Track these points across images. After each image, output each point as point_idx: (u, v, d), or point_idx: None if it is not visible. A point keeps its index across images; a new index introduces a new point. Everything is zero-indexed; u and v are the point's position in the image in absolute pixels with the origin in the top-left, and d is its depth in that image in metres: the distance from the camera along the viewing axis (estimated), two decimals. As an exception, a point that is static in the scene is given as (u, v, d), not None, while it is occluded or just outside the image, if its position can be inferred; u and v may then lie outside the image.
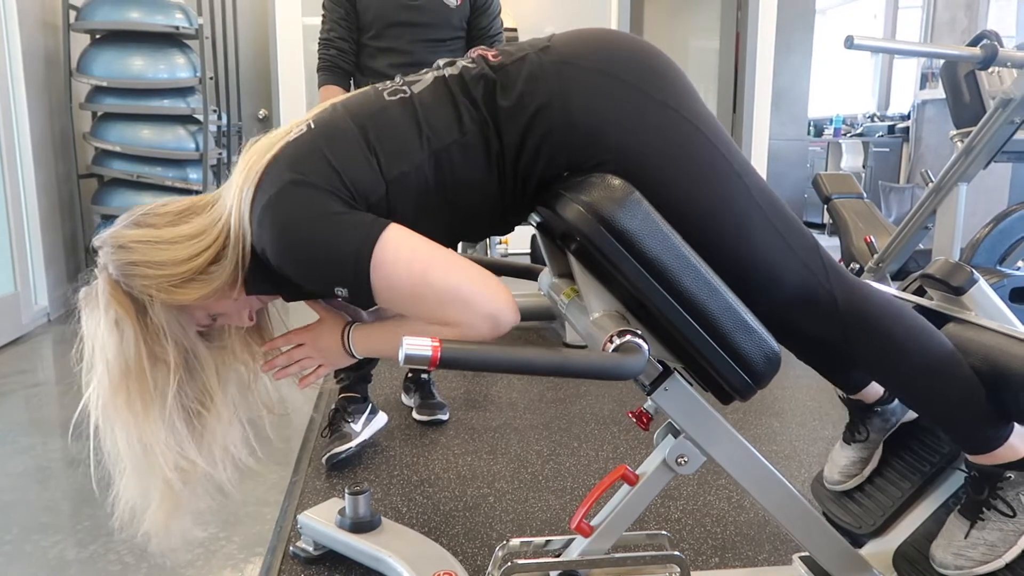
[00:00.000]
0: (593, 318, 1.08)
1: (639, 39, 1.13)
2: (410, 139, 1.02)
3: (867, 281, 1.18)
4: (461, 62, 1.10)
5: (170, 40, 3.86)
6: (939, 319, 1.31)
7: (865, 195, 4.25)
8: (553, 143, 1.03)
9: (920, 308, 1.37)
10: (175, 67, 3.83)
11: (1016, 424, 1.17)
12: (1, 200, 3.38)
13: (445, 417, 2.35)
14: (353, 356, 1.18)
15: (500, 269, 1.77)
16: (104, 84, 3.71)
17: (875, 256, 3.51)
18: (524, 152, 1.03)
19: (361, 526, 1.51)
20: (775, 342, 1.06)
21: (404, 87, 1.08)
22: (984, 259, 2.44)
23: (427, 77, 1.09)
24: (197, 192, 3.93)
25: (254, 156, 1.06)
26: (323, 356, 1.20)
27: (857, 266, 3.81)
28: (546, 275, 1.41)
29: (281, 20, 4.87)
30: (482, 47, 1.14)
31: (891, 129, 6.65)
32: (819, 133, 8.06)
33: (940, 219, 3.06)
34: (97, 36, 3.85)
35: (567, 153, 1.03)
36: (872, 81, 7.91)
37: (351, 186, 1.00)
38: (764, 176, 5.13)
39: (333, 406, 2.15)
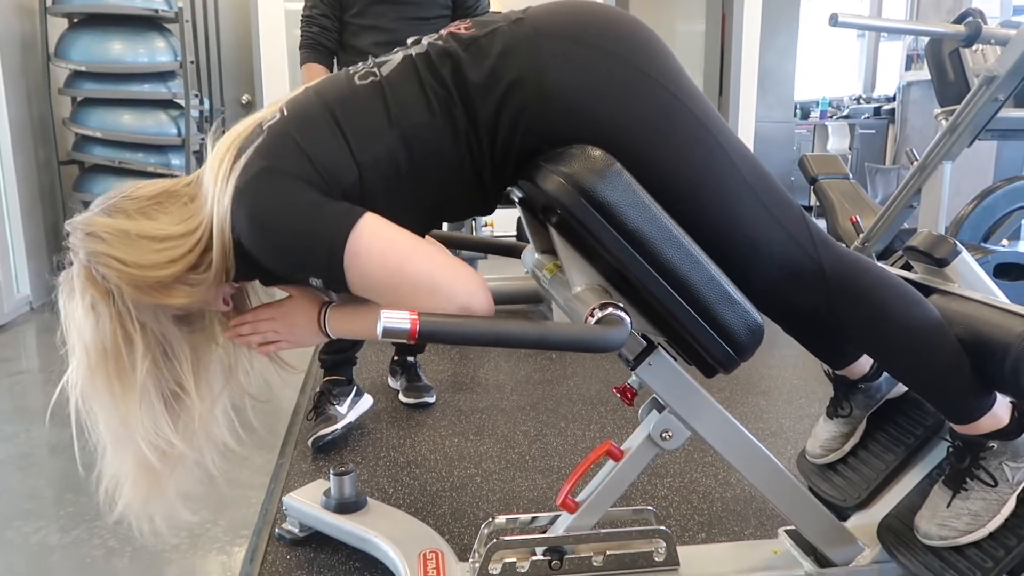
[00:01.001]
0: (575, 292, 1.07)
1: (618, 9, 1.11)
2: (379, 121, 1.00)
3: (857, 253, 1.17)
4: (427, 39, 1.08)
5: (150, 23, 3.80)
6: (923, 291, 1.31)
7: (851, 175, 4.25)
8: (529, 118, 1.01)
9: (905, 281, 1.37)
10: (155, 51, 3.78)
11: (998, 394, 1.17)
12: (-20, 188, 3.33)
13: (432, 400, 2.34)
14: (327, 336, 1.17)
15: (483, 247, 1.77)
16: (83, 69, 3.65)
17: (861, 236, 3.51)
18: (499, 129, 1.02)
19: (347, 507, 1.50)
20: (758, 314, 1.06)
21: (374, 69, 1.07)
22: (969, 236, 2.45)
23: (396, 57, 1.07)
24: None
25: (227, 141, 1.04)
26: (290, 332, 1.19)
27: (844, 246, 3.82)
28: (530, 252, 1.40)
29: (263, 4, 4.80)
30: (456, 23, 1.12)
31: (877, 111, 6.66)
32: (805, 116, 8.05)
33: (925, 197, 3.07)
34: (75, 20, 3.79)
35: (544, 127, 1.01)
36: (858, 63, 7.91)
37: (323, 172, 0.98)
38: (750, 157, 5.09)
39: (318, 389, 2.14)
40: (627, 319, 0.94)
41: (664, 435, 1.21)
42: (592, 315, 0.95)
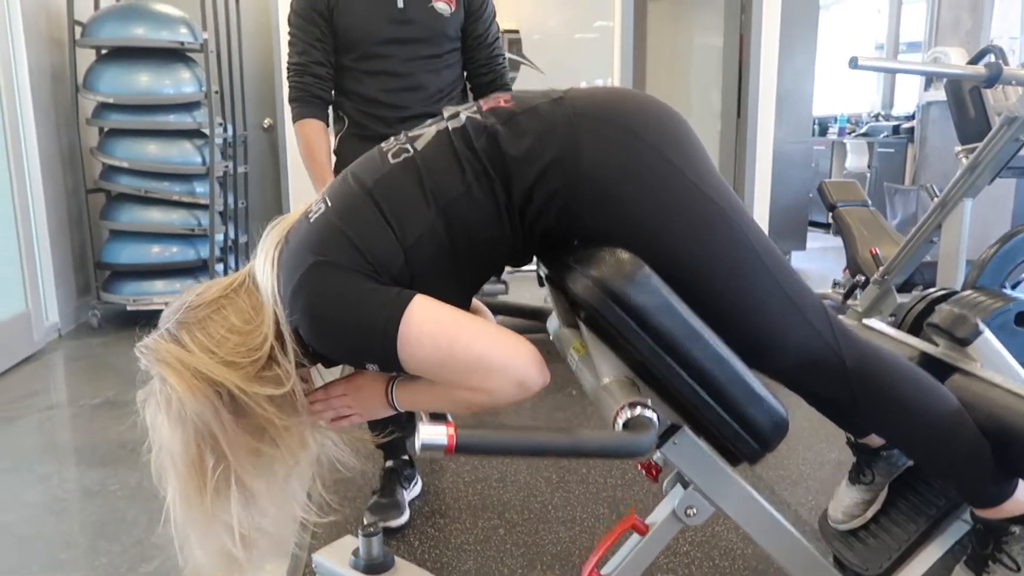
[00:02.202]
0: (604, 382, 1.09)
1: (656, 99, 1.13)
2: (417, 200, 1.03)
3: (876, 343, 1.19)
4: (465, 113, 1.09)
5: (175, 55, 3.87)
6: (945, 369, 1.32)
7: (870, 202, 4.25)
8: (564, 198, 1.03)
9: (926, 356, 1.39)
10: (180, 82, 3.84)
11: (1021, 480, 1.19)
12: (11, 217, 3.41)
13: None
14: (395, 408, 1.18)
15: (509, 310, 1.79)
16: (110, 101, 3.72)
17: (880, 268, 3.51)
18: (533, 203, 1.04)
19: (375, 567, 1.53)
20: (783, 408, 1.08)
21: (407, 145, 1.09)
22: (990, 280, 2.45)
23: (430, 131, 1.09)
24: (204, 206, 3.96)
25: (276, 235, 1.08)
26: (362, 406, 1.21)
27: (863, 278, 3.82)
28: (554, 320, 1.43)
29: (285, 32, 4.87)
30: (496, 96, 1.13)
31: (896, 129, 6.63)
32: (823, 131, 8.04)
33: (945, 234, 3.06)
34: (103, 52, 3.87)
35: (577, 208, 1.03)
36: (876, 79, 7.89)
37: (373, 261, 1.01)
38: (768, 178, 5.05)
39: (388, 464, 2.04)
40: (655, 419, 0.97)
41: (688, 511, 1.23)
42: (620, 414, 0.97)
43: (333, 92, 1.93)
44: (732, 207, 1.07)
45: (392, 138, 1.15)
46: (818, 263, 5.80)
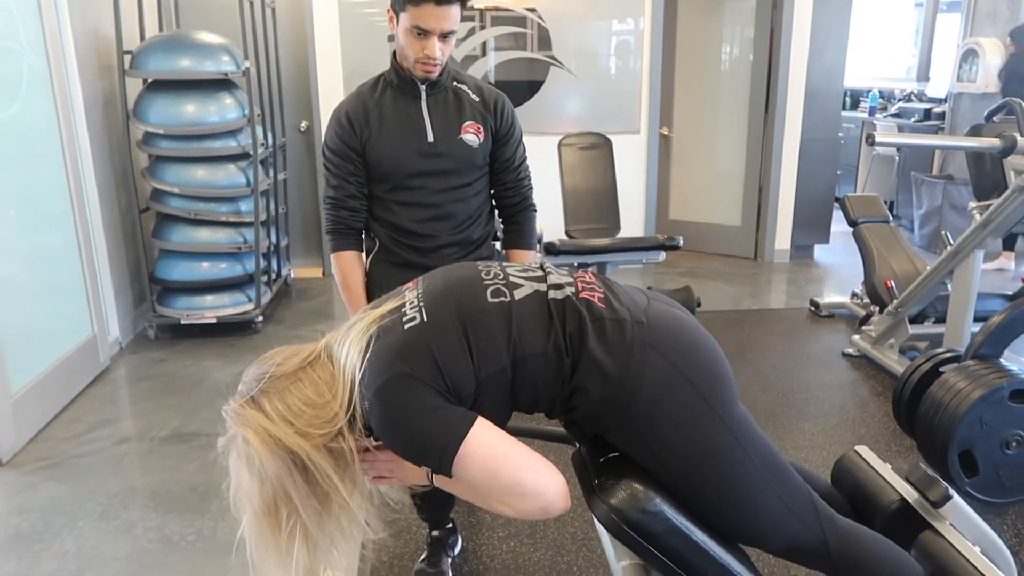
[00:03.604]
0: (621, 564, 1.33)
1: (712, 339, 1.32)
2: (501, 343, 1.21)
3: (859, 527, 1.39)
4: (569, 289, 1.27)
5: (219, 83, 4.03)
6: (919, 522, 1.53)
7: (890, 218, 4.35)
8: (611, 406, 1.22)
9: (905, 503, 1.58)
10: (224, 109, 4.02)
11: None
12: (74, 242, 3.64)
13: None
14: (432, 484, 1.34)
15: (542, 435, 2.01)
16: (160, 131, 3.92)
17: (895, 302, 3.66)
18: (585, 394, 1.22)
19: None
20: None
21: (506, 289, 1.25)
22: (992, 348, 2.59)
23: (529, 285, 1.27)
24: (249, 223, 4.18)
25: (364, 331, 1.22)
26: (403, 474, 1.37)
27: (876, 308, 3.96)
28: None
29: (322, 66, 5.02)
30: (591, 289, 1.28)
31: (927, 114, 6.59)
32: (855, 104, 7.98)
33: (957, 280, 3.21)
34: (150, 81, 4.03)
35: (619, 417, 1.23)
36: (912, 47, 7.75)
37: (451, 384, 1.19)
38: (794, 173, 5.13)
39: (435, 533, 2.24)
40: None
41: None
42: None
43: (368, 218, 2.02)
44: (746, 436, 1.27)
45: (492, 269, 1.31)
46: (840, 257, 5.90)
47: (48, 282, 3.44)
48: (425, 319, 1.22)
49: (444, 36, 1.81)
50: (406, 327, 1.22)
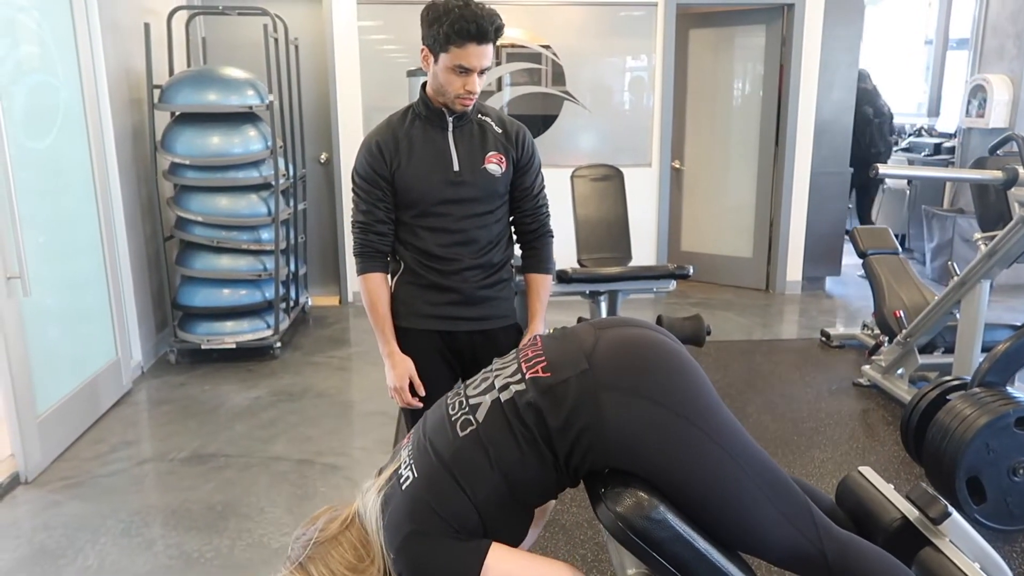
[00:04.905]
0: (628, 573, 1.38)
1: (672, 348, 1.39)
2: (484, 468, 1.32)
3: (855, 537, 1.44)
4: (514, 387, 1.36)
5: (243, 116, 4.18)
6: (919, 538, 1.57)
7: (900, 250, 4.40)
8: (595, 454, 1.31)
9: (906, 521, 1.63)
10: (248, 140, 4.15)
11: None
12: (102, 269, 3.76)
13: None
14: None
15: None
16: (186, 162, 4.05)
17: (904, 331, 3.70)
18: (573, 458, 1.33)
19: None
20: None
21: (470, 417, 1.36)
22: (998, 376, 2.63)
23: (486, 400, 1.37)
24: (269, 251, 4.29)
25: (376, 503, 1.35)
26: None
27: (886, 338, 4.01)
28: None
29: (342, 94, 5.16)
30: (533, 365, 1.37)
31: (937, 148, 6.66)
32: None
33: (964, 310, 3.25)
34: (177, 114, 4.19)
35: (607, 459, 1.32)
36: (923, 79, 7.83)
37: (455, 524, 1.30)
38: (804, 207, 5.19)
39: None
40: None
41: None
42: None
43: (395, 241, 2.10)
44: (731, 443, 1.33)
45: (456, 401, 1.42)
46: (852, 288, 5.94)
47: (75, 307, 3.55)
48: (416, 475, 1.34)
49: (481, 72, 1.91)
50: (404, 488, 1.34)
